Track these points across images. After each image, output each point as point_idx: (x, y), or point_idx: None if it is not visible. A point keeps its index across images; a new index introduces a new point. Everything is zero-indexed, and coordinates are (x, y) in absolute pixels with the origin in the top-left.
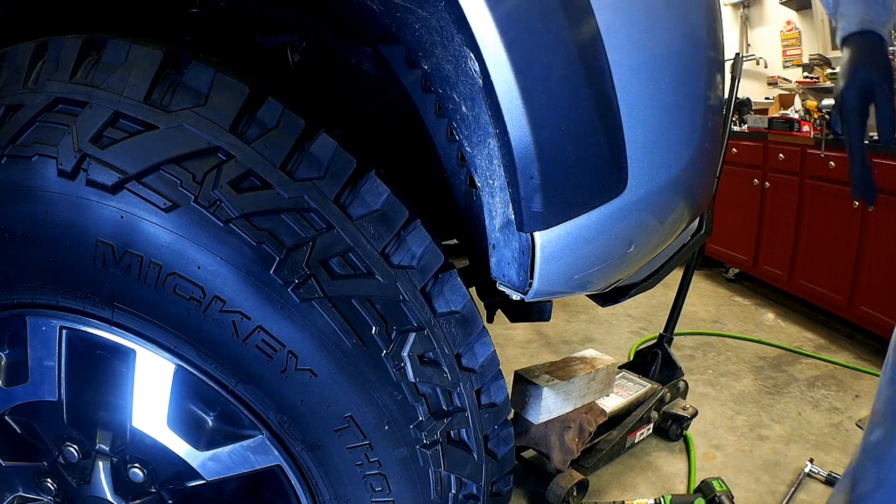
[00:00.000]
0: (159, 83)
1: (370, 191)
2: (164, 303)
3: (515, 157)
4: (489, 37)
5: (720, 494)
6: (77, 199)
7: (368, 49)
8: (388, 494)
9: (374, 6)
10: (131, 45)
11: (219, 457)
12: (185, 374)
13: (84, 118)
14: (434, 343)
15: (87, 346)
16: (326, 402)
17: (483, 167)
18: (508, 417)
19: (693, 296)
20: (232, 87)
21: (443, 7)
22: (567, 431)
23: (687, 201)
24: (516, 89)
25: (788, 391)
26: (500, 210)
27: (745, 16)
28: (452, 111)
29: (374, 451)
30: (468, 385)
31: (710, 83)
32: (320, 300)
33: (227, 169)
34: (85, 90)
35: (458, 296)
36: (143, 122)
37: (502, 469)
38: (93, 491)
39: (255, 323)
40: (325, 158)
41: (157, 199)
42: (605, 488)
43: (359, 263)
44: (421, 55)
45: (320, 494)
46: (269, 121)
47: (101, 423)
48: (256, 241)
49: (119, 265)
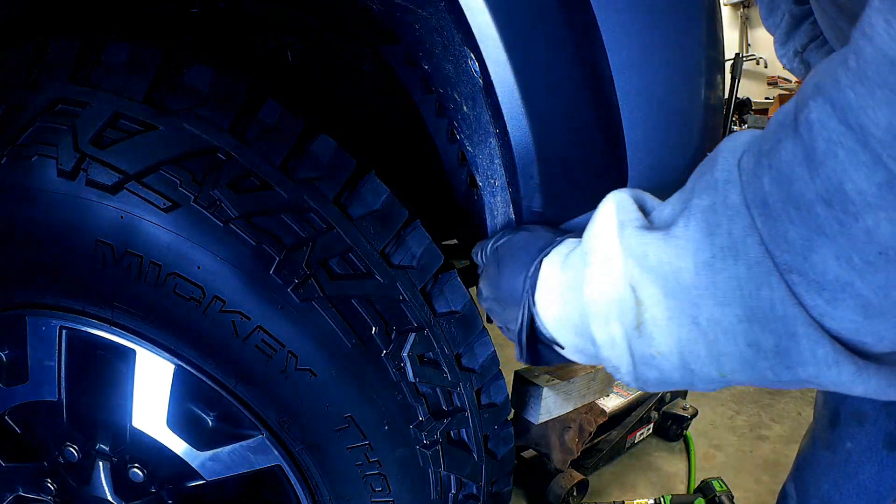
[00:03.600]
0: (159, 83)
1: (370, 191)
2: (164, 303)
3: (516, 157)
4: (489, 37)
5: (720, 494)
6: (77, 199)
7: (368, 49)
8: (388, 494)
9: (374, 6)
10: (131, 45)
11: (219, 457)
12: (184, 374)
13: (84, 118)
14: (434, 343)
15: (87, 346)
16: (326, 402)
17: (484, 167)
18: (508, 417)
19: None
20: (232, 87)
21: (443, 7)
22: (567, 431)
23: None
24: (516, 89)
25: (788, 391)
26: (501, 210)
27: (745, 16)
28: (453, 111)
29: (374, 452)
30: (468, 385)
31: (710, 83)
32: (320, 300)
33: (227, 169)
34: (85, 90)
35: (457, 296)
36: (143, 122)
37: (502, 469)
38: (93, 491)
39: (255, 323)
40: (325, 158)
41: (156, 200)
42: (605, 488)
43: (358, 263)
44: (421, 55)
45: (320, 494)
46: (269, 121)
47: (101, 423)
48: (256, 241)
49: (119, 265)
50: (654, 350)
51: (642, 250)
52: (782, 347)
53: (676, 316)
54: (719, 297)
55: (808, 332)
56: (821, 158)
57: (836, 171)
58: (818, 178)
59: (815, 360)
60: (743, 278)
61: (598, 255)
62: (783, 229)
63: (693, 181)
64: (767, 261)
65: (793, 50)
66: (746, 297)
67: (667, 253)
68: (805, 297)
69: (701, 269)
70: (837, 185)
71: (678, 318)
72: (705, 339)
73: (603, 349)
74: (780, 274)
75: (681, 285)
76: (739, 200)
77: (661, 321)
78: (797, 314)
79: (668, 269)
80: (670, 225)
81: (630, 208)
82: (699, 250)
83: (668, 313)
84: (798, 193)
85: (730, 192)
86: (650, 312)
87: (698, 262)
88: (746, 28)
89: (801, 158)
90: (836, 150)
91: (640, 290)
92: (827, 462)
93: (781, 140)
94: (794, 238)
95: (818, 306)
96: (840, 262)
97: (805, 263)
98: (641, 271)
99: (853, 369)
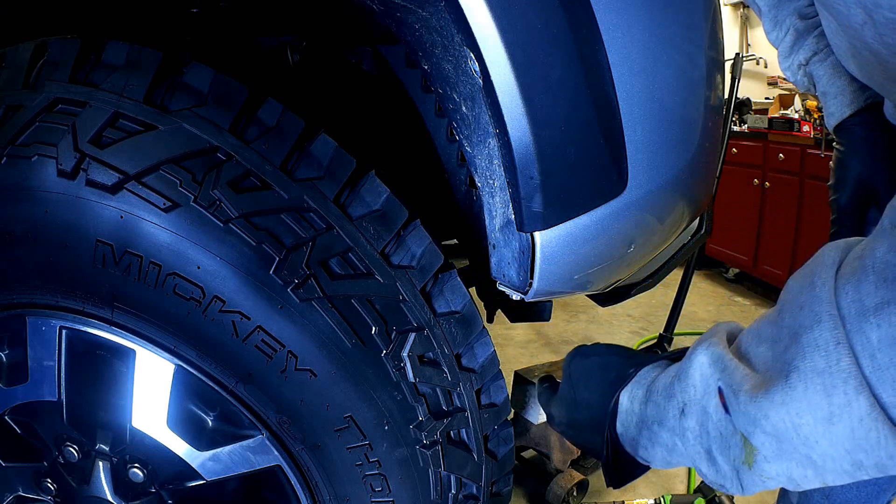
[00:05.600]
0: (159, 83)
1: (370, 191)
2: (164, 303)
3: (515, 157)
4: (489, 37)
5: (720, 494)
6: (77, 199)
7: (368, 49)
8: (388, 494)
9: (374, 6)
10: (131, 46)
11: (219, 457)
12: (184, 375)
13: (84, 118)
14: (434, 343)
15: (87, 347)
16: (326, 403)
17: (483, 167)
18: (508, 417)
19: (693, 296)
20: (231, 87)
21: (443, 7)
22: None
23: (687, 201)
24: (516, 89)
25: None
26: (500, 210)
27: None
28: (452, 111)
29: (374, 452)
30: (468, 385)
31: (710, 83)
32: (320, 300)
33: (226, 169)
34: (84, 90)
35: (457, 296)
36: (143, 122)
37: (502, 469)
38: (92, 491)
39: (255, 323)
40: (324, 158)
41: (156, 199)
42: (604, 488)
43: (358, 263)
44: (421, 55)
45: (320, 494)
46: (268, 121)
47: (101, 423)
48: (256, 241)
49: (119, 265)
50: (764, 478)
51: (762, 413)
52: (882, 466)
53: (789, 455)
54: (833, 442)
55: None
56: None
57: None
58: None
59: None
60: (856, 426)
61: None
62: (891, 378)
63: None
64: (876, 409)
65: (797, 63)
66: (858, 438)
67: (788, 414)
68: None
69: (819, 423)
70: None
71: (791, 456)
72: (815, 467)
73: (707, 475)
74: (884, 413)
75: (799, 436)
76: (850, 362)
77: (773, 459)
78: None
79: (787, 427)
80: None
81: (729, 361)
82: (817, 409)
83: (781, 454)
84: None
85: (842, 355)
86: (764, 455)
87: (817, 418)
88: (746, 28)
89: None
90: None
91: (755, 439)
92: None
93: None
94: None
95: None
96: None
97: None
98: (756, 426)
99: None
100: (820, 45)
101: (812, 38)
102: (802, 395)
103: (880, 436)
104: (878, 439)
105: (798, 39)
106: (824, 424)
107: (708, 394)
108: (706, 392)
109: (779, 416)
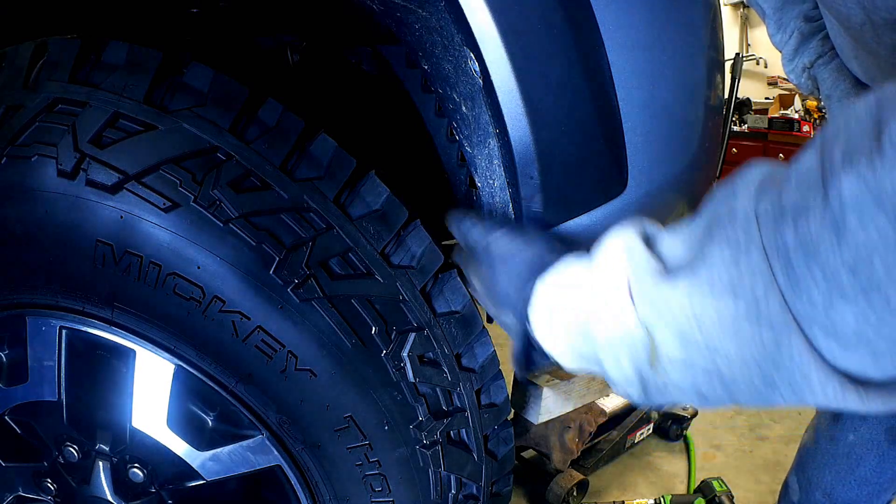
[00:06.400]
0: (159, 83)
1: (370, 191)
2: (164, 303)
3: (515, 158)
4: (489, 37)
5: (720, 494)
6: (77, 199)
7: (368, 49)
8: (388, 494)
9: (374, 6)
10: (131, 46)
11: (219, 457)
12: (184, 374)
13: (84, 118)
14: (434, 343)
15: (87, 346)
16: (326, 403)
17: (483, 167)
18: (508, 417)
19: None
20: (231, 87)
21: (443, 7)
22: (567, 431)
23: (687, 201)
24: (516, 89)
25: None
26: (501, 210)
27: (745, 16)
28: (452, 111)
29: (374, 452)
30: (468, 385)
31: (710, 83)
32: (320, 300)
33: (226, 169)
34: (85, 90)
35: (457, 296)
36: (143, 122)
37: (502, 469)
38: (92, 491)
39: (255, 323)
40: (324, 158)
41: (156, 200)
42: (605, 488)
43: (358, 263)
44: (421, 55)
45: (320, 494)
46: (268, 121)
47: (101, 423)
48: (256, 241)
49: (119, 265)
50: (668, 382)
51: (663, 301)
52: (796, 386)
53: (694, 357)
54: (740, 346)
55: (820, 373)
56: (851, 231)
57: (866, 247)
58: (846, 249)
59: (824, 394)
60: (765, 335)
61: (611, 299)
62: (806, 287)
63: (707, 219)
64: (787, 316)
65: (801, 66)
66: (767, 348)
67: (689, 305)
68: (822, 343)
69: (724, 321)
70: (866, 259)
71: (696, 358)
72: (721, 377)
73: (611, 373)
74: (798, 326)
75: (702, 333)
76: (761, 257)
77: (678, 361)
78: (812, 360)
79: (689, 319)
80: (689, 272)
81: (640, 252)
82: (723, 306)
83: (685, 355)
84: (823, 258)
85: (752, 249)
86: (666, 353)
87: (722, 315)
88: (746, 28)
89: (831, 228)
90: (868, 227)
91: (658, 333)
92: (829, 454)
93: (810, 206)
94: (816, 297)
95: (832, 350)
96: (858, 320)
97: (825, 318)
98: (660, 318)
99: (856, 397)
100: (824, 49)
101: (816, 42)
102: (708, 287)
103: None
104: (791, 353)
105: (803, 42)
106: (730, 325)
107: (618, 285)
108: (616, 282)
109: (680, 307)
